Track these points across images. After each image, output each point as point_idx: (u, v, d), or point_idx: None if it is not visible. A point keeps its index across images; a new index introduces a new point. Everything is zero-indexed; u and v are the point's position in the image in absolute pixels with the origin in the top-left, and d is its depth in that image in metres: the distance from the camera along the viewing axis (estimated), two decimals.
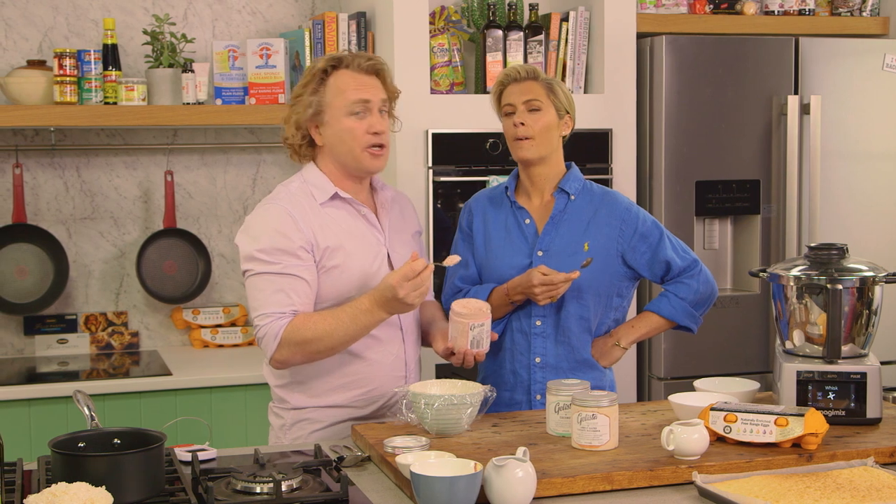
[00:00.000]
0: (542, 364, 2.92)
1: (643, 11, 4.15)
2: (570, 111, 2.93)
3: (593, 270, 2.86)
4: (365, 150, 2.72)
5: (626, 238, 2.91)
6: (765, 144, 4.10)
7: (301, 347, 2.62)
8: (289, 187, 2.77)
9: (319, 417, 2.76)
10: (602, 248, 2.90)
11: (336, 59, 2.76)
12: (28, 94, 3.83)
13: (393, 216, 2.86)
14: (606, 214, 2.93)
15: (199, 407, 3.67)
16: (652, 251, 2.93)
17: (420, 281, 2.54)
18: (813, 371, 2.58)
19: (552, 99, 2.89)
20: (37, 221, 4.11)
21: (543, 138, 2.88)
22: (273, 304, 2.63)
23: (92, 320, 4.17)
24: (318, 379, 2.75)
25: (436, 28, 3.95)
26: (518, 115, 2.88)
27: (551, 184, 2.95)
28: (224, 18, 4.28)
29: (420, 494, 2.02)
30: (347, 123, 2.71)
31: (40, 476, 2.21)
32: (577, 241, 2.90)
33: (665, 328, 3.02)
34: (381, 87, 2.76)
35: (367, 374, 2.76)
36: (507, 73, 2.94)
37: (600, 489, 2.18)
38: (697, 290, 2.97)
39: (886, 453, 2.36)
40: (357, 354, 2.73)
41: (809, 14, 4.36)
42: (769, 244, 4.12)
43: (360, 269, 2.71)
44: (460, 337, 2.68)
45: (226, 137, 4.30)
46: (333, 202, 2.75)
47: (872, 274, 2.61)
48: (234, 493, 2.15)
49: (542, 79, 2.92)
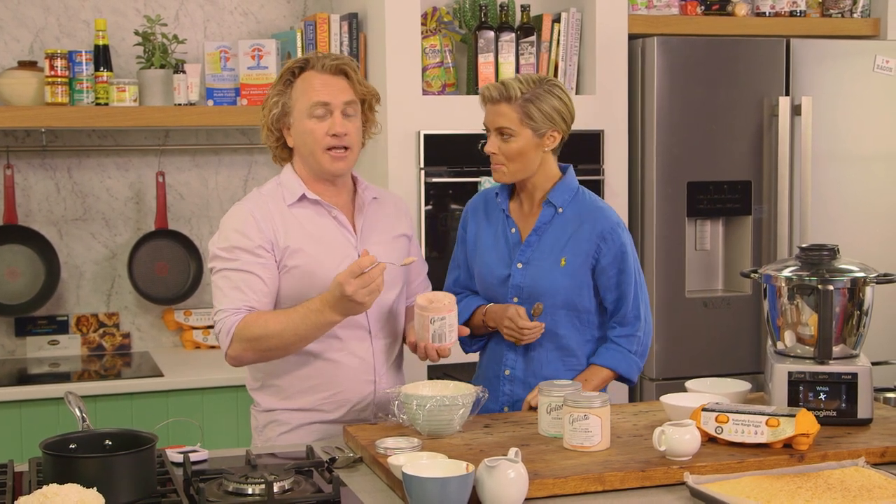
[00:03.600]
0: (511, 377, 2.90)
1: (635, 13, 4.16)
2: (554, 124, 2.79)
3: (568, 284, 2.82)
4: (325, 152, 2.72)
5: (601, 255, 2.82)
6: (756, 145, 4.11)
7: (251, 344, 2.63)
8: (261, 189, 2.82)
9: (287, 420, 2.78)
10: (578, 264, 2.83)
11: (303, 60, 2.77)
12: (19, 94, 3.83)
13: (372, 218, 2.84)
14: (589, 230, 2.83)
15: (190, 408, 3.67)
16: (617, 278, 2.83)
17: (369, 279, 2.50)
18: (804, 372, 2.58)
19: (527, 123, 2.75)
20: (28, 223, 4.10)
21: (517, 163, 2.80)
22: (229, 301, 2.67)
23: (83, 321, 4.17)
24: (286, 381, 2.77)
25: (427, 29, 3.95)
26: (490, 143, 2.81)
27: (540, 191, 2.88)
28: (216, 19, 4.27)
29: (412, 495, 2.02)
30: (308, 125, 2.72)
31: (31, 478, 2.21)
32: (556, 256, 2.84)
33: (612, 379, 2.90)
34: (347, 89, 2.74)
35: (331, 377, 2.75)
36: (482, 91, 2.83)
37: (592, 490, 2.19)
38: (645, 344, 2.90)
39: (877, 453, 2.37)
40: (320, 355, 2.73)
41: (800, 15, 4.37)
42: (760, 245, 4.13)
43: (323, 270, 2.70)
44: (422, 330, 2.68)
45: (217, 138, 4.29)
46: (301, 203, 2.76)
47: (863, 275, 2.62)
48: (226, 494, 2.14)
49: (518, 99, 2.75)
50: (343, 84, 2.74)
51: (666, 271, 4.01)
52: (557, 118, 2.80)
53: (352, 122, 2.75)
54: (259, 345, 2.63)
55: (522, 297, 2.85)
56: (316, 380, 2.75)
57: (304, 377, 2.75)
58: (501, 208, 2.94)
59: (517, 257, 2.88)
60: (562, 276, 2.83)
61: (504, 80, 2.82)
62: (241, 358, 2.68)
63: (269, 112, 2.76)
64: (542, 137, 2.79)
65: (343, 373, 2.75)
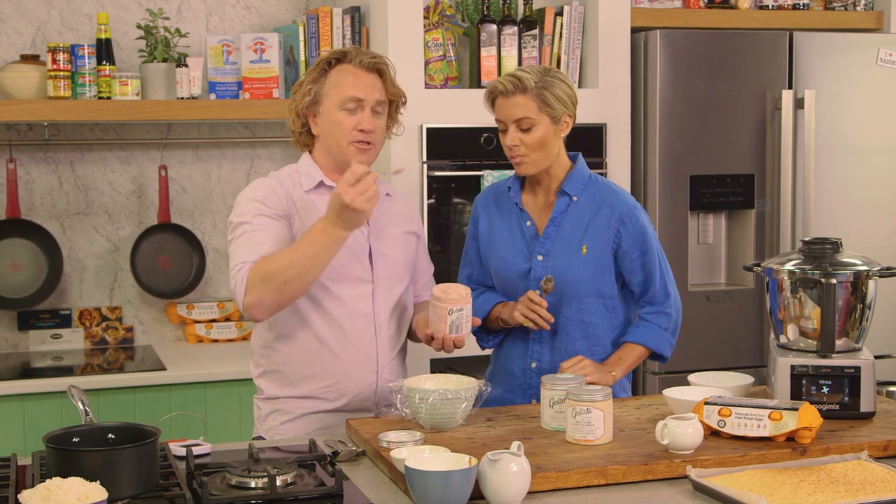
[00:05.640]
0: (538, 369, 2.90)
1: (637, 6, 4.15)
2: (567, 108, 2.81)
3: (592, 272, 2.84)
4: (351, 145, 2.75)
5: (622, 239, 2.85)
6: (759, 139, 4.10)
7: (267, 283, 2.59)
8: (279, 173, 2.85)
9: (290, 408, 2.79)
10: (600, 250, 2.85)
11: (341, 52, 2.82)
12: (21, 88, 3.83)
13: (384, 212, 2.86)
14: (607, 215, 2.85)
15: (193, 402, 3.67)
16: (641, 259, 2.87)
17: (364, 186, 2.48)
18: (807, 365, 2.58)
19: (545, 110, 2.77)
20: (31, 216, 4.10)
21: (540, 153, 2.81)
22: (243, 254, 2.66)
23: (86, 315, 4.17)
24: (288, 367, 2.78)
25: (430, 22, 3.94)
26: (510, 137, 2.80)
27: (556, 181, 2.89)
28: (218, 13, 4.27)
29: (415, 489, 2.02)
30: (338, 117, 2.75)
31: (34, 471, 2.21)
32: (577, 245, 2.86)
33: (645, 357, 2.94)
34: (379, 87, 2.79)
35: (333, 365, 2.76)
36: (495, 85, 2.81)
37: (595, 483, 2.19)
38: (676, 321, 2.93)
39: (880, 447, 2.37)
40: (323, 343, 2.75)
41: (803, 8, 4.36)
42: (763, 238, 4.13)
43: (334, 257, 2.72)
44: (438, 322, 2.68)
45: (220, 132, 4.29)
46: (318, 189, 2.80)
47: (866, 268, 2.62)
48: (229, 487, 2.14)
49: (532, 88, 2.76)
50: (377, 82, 2.79)
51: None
52: (570, 103, 2.83)
53: (379, 119, 2.79)
54: (274, 280, 2.58)
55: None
56: (318, 367, 2.76)
57: (306, 364, 2.77)
58: (514, 202, 2.94)
59: (537, 249, 2.88)
60: (584, 265, 2.84)
61: (512, 72, 2.82)
62: (260, 302, 2.61)
63: (301, 98, 2.80)
64: (558, 123, 2.81)
65: (345, 362, 2.76)
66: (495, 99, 2.83)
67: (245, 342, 4.18)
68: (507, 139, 2.81)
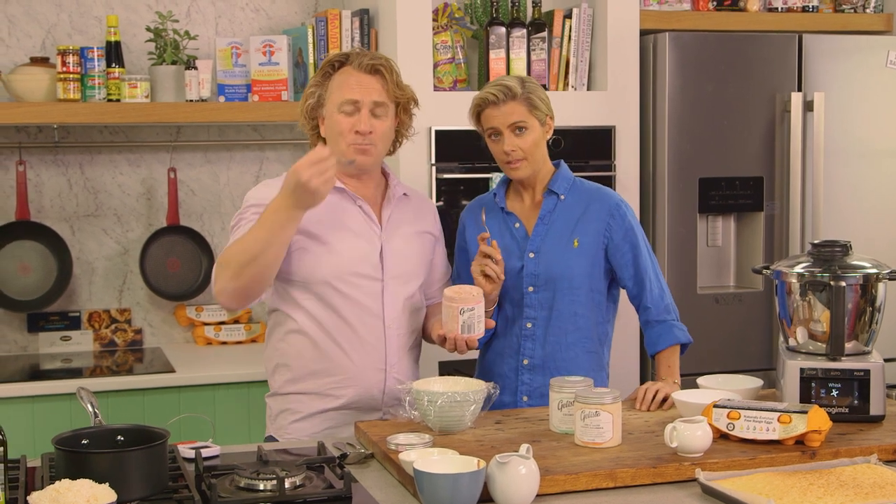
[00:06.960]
0: (530, 366, 2.93)
1: (646, 8, 4.15)
2: (550, 111, 2.93)
3: (584, 264, 2.89)
4: (349, 146, 2.77)
5: (612, 232, 2.91)
6: (768, 141, 4.10)
7: (225, 269, 2.61)
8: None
9: (299, 407, 2.81)
10: (591, 243, 2.91)
11: (343, 55, 2.85)
12: (31, 91, 3.84)
13: (399, 212, 2.89)
14: (597, 209, 2.93)
15: (202, 404, 3.68)
16: (632, 252, 2.92)
17: (324, 167, 2.48)
18: (816, 368, 2.58)
19: (534, 113, 2.88)
20: (40, 219, 4.11)
21: (534, 155, 2.90)
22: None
23: (95, 317, 4.17)
24: (296, 361, 2.80)
25: (439, 25, 3.94)
26: (507, 142, 2.87)
27: (542, 183, 2.97)
28: (227, 15, 4.28)
29: (423, 491, 2.02)
30: (337, 118, 2.79)
31: (44, 473, 2.21)
32: (568, 239, 2.91)
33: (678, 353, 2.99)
34: (378, 89, 2.79)
35: (340, 362, 2.77)
36: (484, 97, 2.89)
37: (603, 486, 2.19)
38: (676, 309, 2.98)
39: (890, 450, 2.36)
40: (331, 339, 2.76)
41: (813, 11, 4.35)
42: (772, 241, 4.12)
43: (343, 251, 2.75)
44: (451, 322, 2.69)
45: (229, 134, 4.30)
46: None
47: (876, 271, 2.61)
48: (238, 490, 2.15)
49: (521, 94, 2.87)
50: (376, 84, 2.79)
51: (677, 267, 4.01)
52: (550, 106, 2.95)
53: (380, 121, 2.80)
54: (231, 265, 2.60)
55: (538, 284, 2.91)
56: (325, 363, 2.78)
57: (313, 359, 2.78)
58: (500, 206, 2.99)
59: (528, 248, 2.92)
60: (576, 258, 2.90)
61: (495, 83, 2.90)
62: (223, 290, 2.64)
63: (305, 101, 2.86)
64: (543, 125, 2.92)
65: (353, 359, 2.77)
66: (483, 110, 2.90)
67: (254, 344, 4.19)
68: (504, 145, 2.88)
